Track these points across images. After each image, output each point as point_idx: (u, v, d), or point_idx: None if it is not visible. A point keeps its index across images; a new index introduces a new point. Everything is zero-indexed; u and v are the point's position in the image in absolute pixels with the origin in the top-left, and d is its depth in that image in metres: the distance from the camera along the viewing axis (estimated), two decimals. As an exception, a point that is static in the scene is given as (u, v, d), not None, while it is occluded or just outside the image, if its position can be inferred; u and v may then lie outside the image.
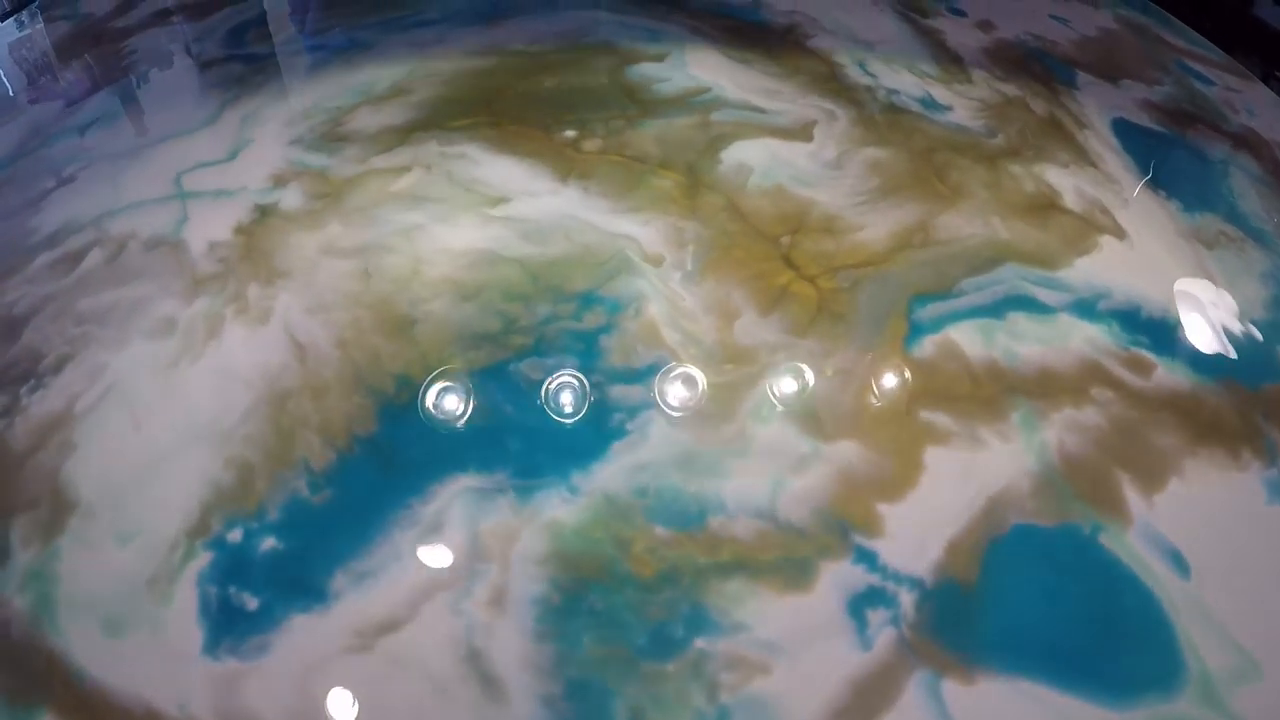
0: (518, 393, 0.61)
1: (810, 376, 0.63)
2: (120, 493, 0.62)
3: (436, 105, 0.83)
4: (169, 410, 0.64)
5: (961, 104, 0.95)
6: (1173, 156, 1.03)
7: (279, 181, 0.76)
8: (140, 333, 0.69)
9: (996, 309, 0.72)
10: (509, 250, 0.69)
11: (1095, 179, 0.91)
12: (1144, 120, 1.05)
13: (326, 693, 0.50)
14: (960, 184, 0.83)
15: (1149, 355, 0.73)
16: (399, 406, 0.62)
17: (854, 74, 0.95)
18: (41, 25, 1.24)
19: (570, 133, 0.79)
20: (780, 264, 0.70)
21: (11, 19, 1.29)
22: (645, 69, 0.89)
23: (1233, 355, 0.76)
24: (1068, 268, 0.79)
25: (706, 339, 0.65)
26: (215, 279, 0.70)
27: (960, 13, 1.14)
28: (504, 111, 0.82)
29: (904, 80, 0.96)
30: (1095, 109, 1.03)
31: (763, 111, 0.85)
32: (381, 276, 0.68)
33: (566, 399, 0.60)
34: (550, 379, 0.61)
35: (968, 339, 0.69)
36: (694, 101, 0.85)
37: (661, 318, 0.65)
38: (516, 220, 0.71)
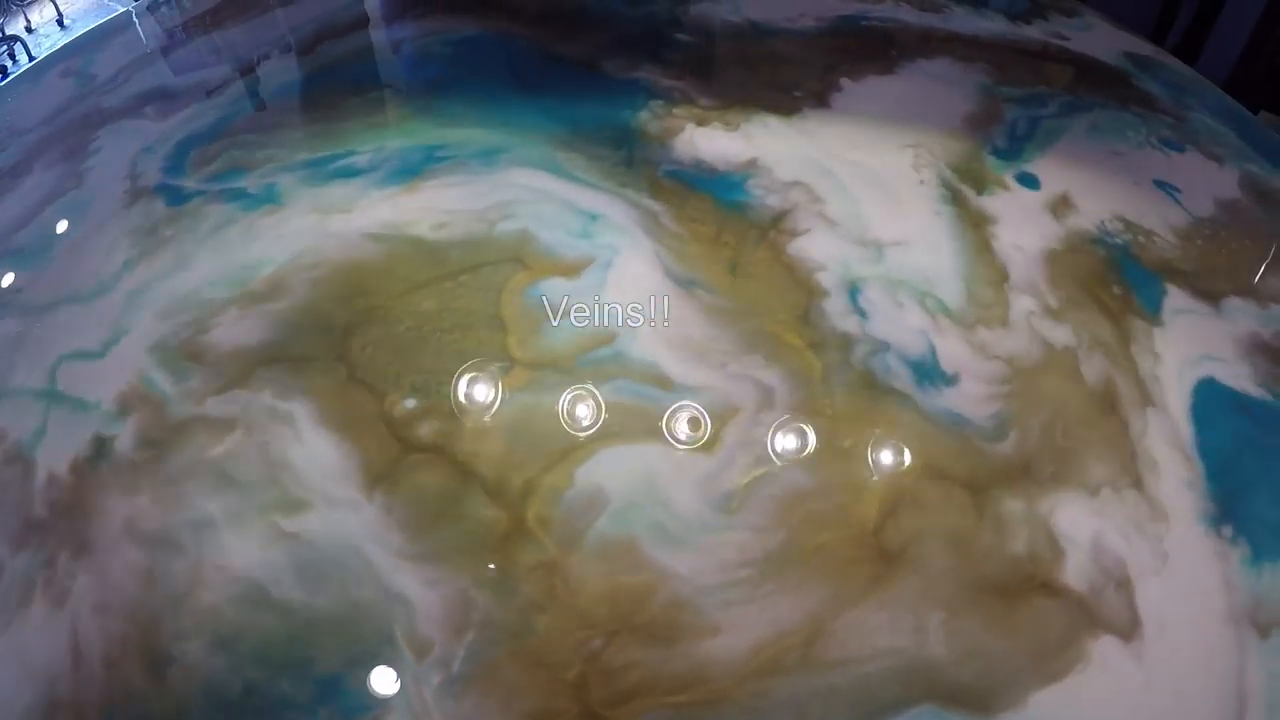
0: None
1: None
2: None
3: (298, 322, 0.67)
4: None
5: (975, 371, 0.65)
6: (1266, 454, 0.67)
7: (124, 407, 0.65)
8: (-24, 568, 0.66)
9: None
10: (279, 589, 0.55)
11: (1131, 519, 0.60)
12: (1243, 380, 0.68)
13: None
14: (910, 546, 0.56)
15: None
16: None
17: (836, 310, 0.67)
18: None
19: (412, 403, 0.62)
20: (568, 694, 0.51)
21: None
22: (552, 289, 0.66)
23: None
24: (1016, 710, 0.53)
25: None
26: (41, 530, 0.62)
27: (1032, 182, 0.77)
28: (357, 351, 0.64)
29: (907, 322, 0.66)
30: (1178, 361, 0.68)
31: (669, 387, 0.62)
32: (163, 585, 0.57)
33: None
34: None
35: None
36: (585, 360, 0.63)
37: (394, 746, 0.52)
38: (303, 542, 0.57)
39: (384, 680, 0.51)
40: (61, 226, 0.80)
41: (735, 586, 0.53)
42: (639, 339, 0.62)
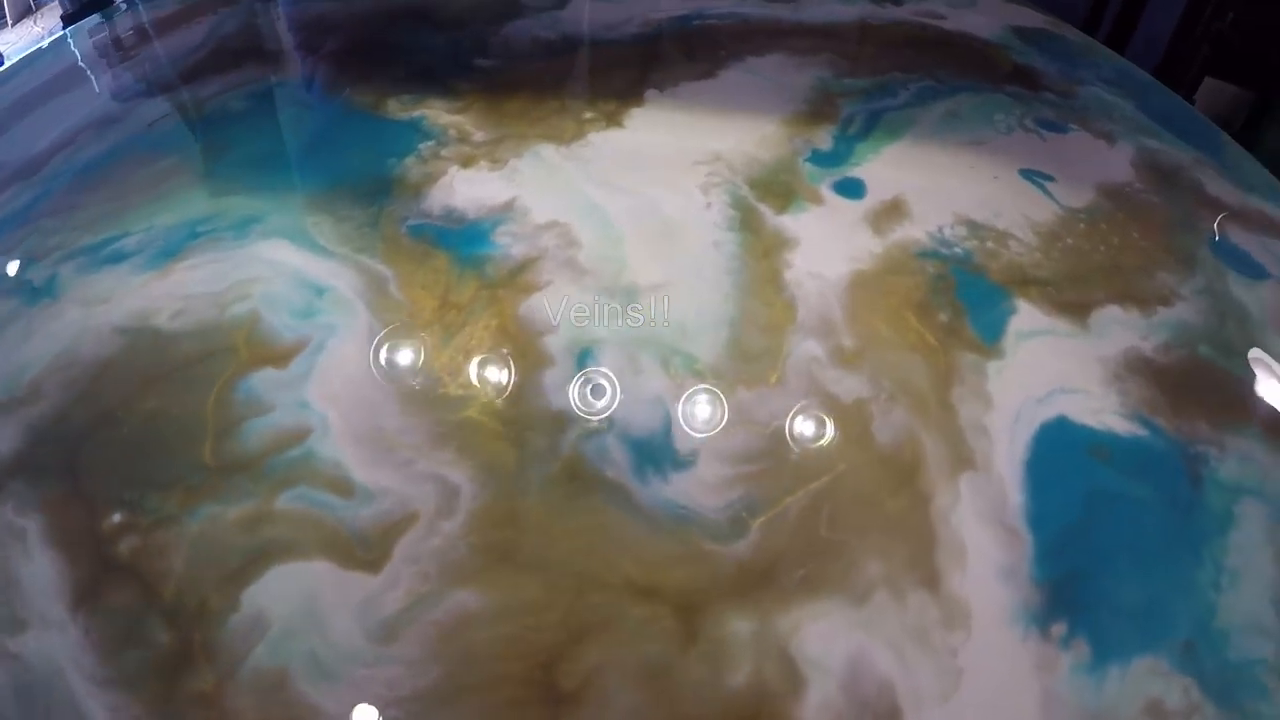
0: None
1: None
2: None
3: (45, 430, 0.67)
4: None
5: (719, 448, 0.56)
6: (1126, 512, 0.52)
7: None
8: None
9: None
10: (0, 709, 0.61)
11: (911, 629, 0.50)
12: (1105, 414, 0.55)
13: None
14: (590, 682, 0.49)
15: None
16: None
17: (555, 383, 0.58)
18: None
19: (117, 517, 0.63)
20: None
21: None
22: (260, 382, 0.63)
23: None
24: None
25: None
26: None
27: (855, 190, 0.63)
28: (85, 460, 0.65)
29: (643, 391, 0.57)
30: (1017, 402, 0.56)
31: (349, 493, 0.58)
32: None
33: None
34: None
35: None
36: (274, 463, 0.60)
37: None
38: (19, 666, 0.59)
39: (58, 811, 0.54)
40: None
41: (384, 729, 0.50)
42: (332, 435, 0.59)
